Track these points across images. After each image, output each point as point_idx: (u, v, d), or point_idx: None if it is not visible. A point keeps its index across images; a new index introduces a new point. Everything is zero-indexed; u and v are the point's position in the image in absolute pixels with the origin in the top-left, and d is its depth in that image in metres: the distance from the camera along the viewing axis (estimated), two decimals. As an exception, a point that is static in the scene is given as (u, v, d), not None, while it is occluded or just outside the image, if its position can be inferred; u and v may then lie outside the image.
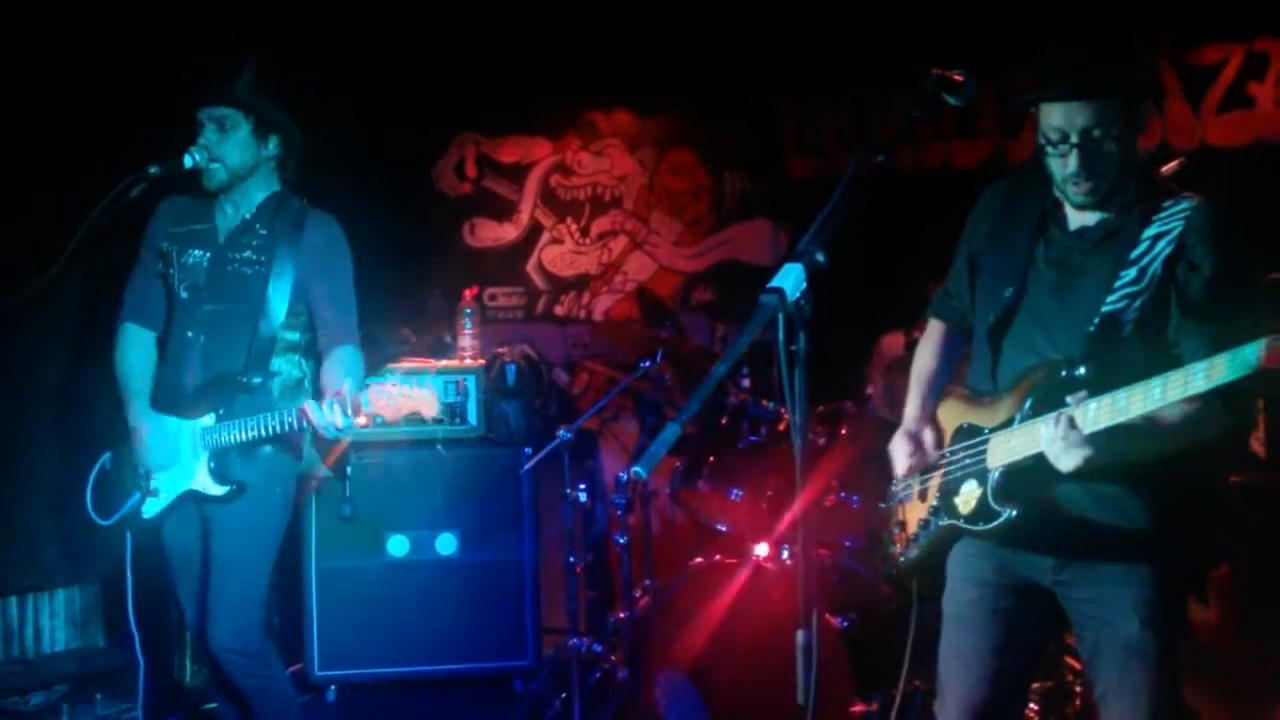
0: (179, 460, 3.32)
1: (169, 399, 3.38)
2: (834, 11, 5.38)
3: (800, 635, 1.99)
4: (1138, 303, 2.35)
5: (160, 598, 3.80)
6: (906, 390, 2.80)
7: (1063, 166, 2.40)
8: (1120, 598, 2.43)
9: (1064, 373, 2.36)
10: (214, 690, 3.58)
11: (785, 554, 3.68)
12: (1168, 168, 2.78)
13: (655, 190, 6.14)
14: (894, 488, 2.77)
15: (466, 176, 6.24)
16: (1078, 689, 3.79)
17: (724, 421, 3.95)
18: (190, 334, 3.38)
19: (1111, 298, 2.38)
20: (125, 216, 3.17)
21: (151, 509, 3.36)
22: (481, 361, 4.83)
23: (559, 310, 6.20)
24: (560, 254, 6.22)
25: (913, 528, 2.69)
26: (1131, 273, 2.37)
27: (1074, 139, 2.35)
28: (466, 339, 4.95)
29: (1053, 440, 2.26)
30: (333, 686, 4.58)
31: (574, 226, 6.21)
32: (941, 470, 2.61)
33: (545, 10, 5.48)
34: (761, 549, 3.74)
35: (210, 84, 3.35)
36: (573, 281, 6.20)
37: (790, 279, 1.99)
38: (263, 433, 3.22)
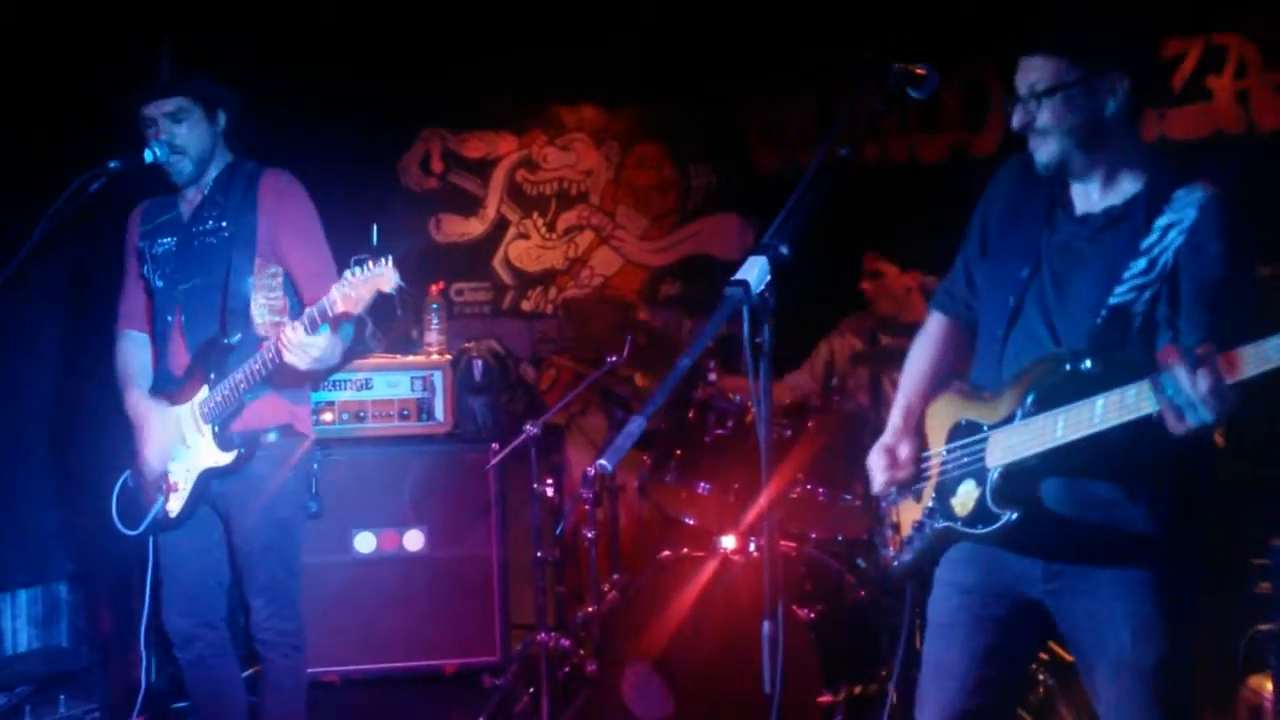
0: (185, 443, 3.33)
1: (166, 391, 3.40)
2: (799, 6, 5.39)
3: (766, 626, 2.00)
4: (1147, 294, 2.24)
5: (126, 598, 3.74)
6: (862, 384, 2.79)
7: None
8: (1111, 610, 2.30)
9: (1068, 366, 2.23)
10: (189, 689, 3.57)
11: (752, 546, 3.69)
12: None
13: (621, 185, 6.14)
14: (884, 491, 2.60)
15: (432, 172, 6.22)
16: (1041, 677, 3.82)
17: (691, 415, 3.95)
18: (170, 317, 3.39)
19: (1120, 289, 2.25)
20: (96, 218, 3.13)
21: (176, 506, 3.36)
22: (448, 357, 4.81)
23: (526, 305, 6.19)
24: (526, 249, 6.21)
25: (907, 530, 2.56)
26: (1141, 263, 2.25)
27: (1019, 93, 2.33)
28: (433, 334, 4.92)
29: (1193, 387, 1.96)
30: (300, 684, 4.56)
31: (540, 221, 6.20)
32: (937, 470, 2.48)
33: (510, 5, 5.46)
34: (729, 541, 3.75)
35: (152, 78, 3.34)
36: (539, 276, 6.19)
37: (755, 272, 1.98)
38: (250, 378, 3.19)
